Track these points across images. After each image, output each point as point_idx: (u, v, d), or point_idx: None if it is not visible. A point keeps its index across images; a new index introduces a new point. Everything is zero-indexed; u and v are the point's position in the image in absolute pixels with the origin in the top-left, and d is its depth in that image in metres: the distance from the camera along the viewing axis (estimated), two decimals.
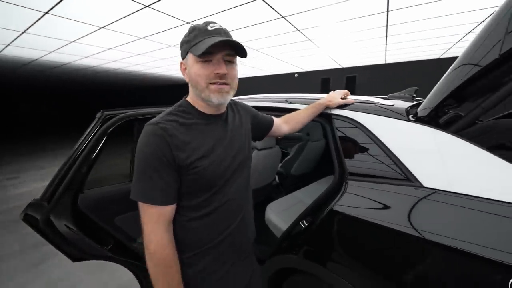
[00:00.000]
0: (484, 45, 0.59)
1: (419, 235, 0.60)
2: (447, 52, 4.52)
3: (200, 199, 0.62)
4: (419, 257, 0.62)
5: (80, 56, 4.21)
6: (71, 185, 0.98)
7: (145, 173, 0.56)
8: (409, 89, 1.20)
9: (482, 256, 0.52)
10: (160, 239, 0.57)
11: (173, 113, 0.63)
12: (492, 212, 0.56)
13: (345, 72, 6.23)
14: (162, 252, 0.57)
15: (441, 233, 0.58)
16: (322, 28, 3.03)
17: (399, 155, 0.73)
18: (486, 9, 2.42)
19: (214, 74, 0.58)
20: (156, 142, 0.56)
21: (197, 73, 0.59)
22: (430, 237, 0.59)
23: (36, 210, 0.91)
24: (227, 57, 0.60)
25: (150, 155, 0.56)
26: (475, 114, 0.65)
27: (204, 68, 0.58)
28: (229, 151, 0.66)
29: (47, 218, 0.91)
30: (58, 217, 0.95)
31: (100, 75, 6.61)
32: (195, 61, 0.59)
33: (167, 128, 0.57)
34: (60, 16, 2.35)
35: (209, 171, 0.60)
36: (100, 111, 1.06)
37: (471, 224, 0.58)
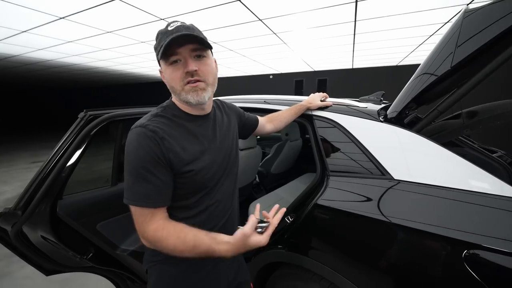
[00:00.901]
0: (439, 57, 0.70)
1: (387, 219, 0.69)
2: (403, 60, 5.07)
3: (191, 200, 0.62)
4: (390, 239, 0.71)
5: (32, 48, 3.75)
6: (49, 192, 0.89)
7: (139, 176, 0.54)
8: (377, 93, 1.34)
9: (438, 234, 0.62)
10: (155, 227, 0.54)
11: (160, 114, 0.61)
12: (444, 197, 0.67)
13: (317, 75, 6.57)
14: (175, 241, 0.53)
15: (405, 217, 0.68)
16: (296, 33, 3.18)
17: (373, 152, 0.82)
18: (435, 24, 2.79)
19: (185, 73, 0.56)
20: (148, 144, 0.54)
21: (170, 77, 0.58)
22: (397, 221, 0.68)
23: (6, 221, 0.79)
24: (195, 52, 0.58)
25: (144, 157, 0.54)
26: (432, 115, 0.77)
27: (174, 70, 0.57)
28: (219, 153, 0.67)
29: (19, 229, 0.80)
30: (33, 227, 0.83)
31: (57, 70, 5.94)
32: (166, 65, 0.58)
33: (156, 131, 0.56)
34: (11, 3, 2.07)
35: (200, 174, 0.61)
36: (83, 111, 0.97)
37: (429, 208, 0.68)
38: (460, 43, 0.64)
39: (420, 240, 0.66)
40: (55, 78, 7.50)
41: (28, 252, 0.83)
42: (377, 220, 0.71)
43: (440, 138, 0.85)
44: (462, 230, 0.60)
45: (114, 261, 1.05)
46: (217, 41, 3.52)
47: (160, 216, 0.57)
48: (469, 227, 0.60)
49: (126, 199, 0.55)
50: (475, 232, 0.59)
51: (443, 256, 0.63)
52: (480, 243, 0.56)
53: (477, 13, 0.63)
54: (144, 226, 0.55)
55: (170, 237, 0.54)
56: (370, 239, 0.75)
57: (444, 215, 0.65)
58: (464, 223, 0.62)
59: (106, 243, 1.05)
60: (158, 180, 0.55)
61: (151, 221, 0.55)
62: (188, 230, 0.55)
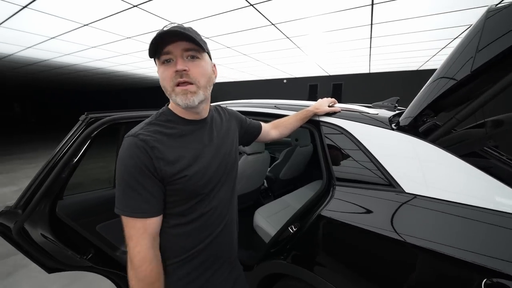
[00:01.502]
0: (458, 61, 0.64)
1: (400, 238, 0.63)
2: (424, 65, 4.83)
3: (184, 207, 0.61)
4: (401, 260, 0.65)
5: (60, 53, 4.02)
6: (49, 192, 0.92)
7: (128, 186, 0.54)
8: (391, 99, 1.27)
9: (456, 257, 0.55)
10: (146, 254, 0.54)
11: (154, 122, 0.61)
12: (464, 216, 0.60)
13: (332, 79, 6.44)
14: (146, 267, 0.54)
15: (420, 236, 0.61)
16: (310, 37, 3.14)
17: (382, 162, 0.76)
18: (460, 26, 2.62)
19: (175, 73, 0.55)
20: (137, 154, 0.53)
21: (162, 76, 0.57)
22: (411, 240, 0.62)
23: (8, 219, 0.83)
24: (188, 53, 0.56)
25: (132, 168, 0.53)
26: (450, 124, 0.70)
27: (166, 69, 0.56)
28: (215, 159, 0.65)
29: (21, 227, 0.84)
30: (33, 225, 0.87)
31: (81, 74, 6.33)
32: (159, 65, 0.58)
33: (147, 140, 0.55)
34: (40, 11, 2.24)
35: (193, 180, 0.59)
36: (84, 114, 1.00)
37: (447, 227, 0.61)
38: (481, 46, 0.58)
39: (436, 263, 0.59)
40: (80, 81, 7.99)
41: (30, 249, 0.86)
42: (388, 238, 0.65)
43: (460, 149, 0.78)
44: (483, 254, 0.53)
45: (114, 262, 1.06)
46: (230, 45, 3.57)
47: (151, 236, 0.56)
48: (491, 252, 0.53)
49: (116, 208, 0.55)
50: (498, 258, 0.52)
51: (460, 281, 0.56)
52: (503, 271, 0.49)
53: (502, 13, 0.57)
54: (134, 241, 0.54)
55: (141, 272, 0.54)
56: (379, 258, 0.69)
57: (463, 236, 0.58)
58: (486, 246, 0.55)
59: (105, 244, 1.07)
60: (146, 191, 0.54)
61: (142, 239, 0.55)
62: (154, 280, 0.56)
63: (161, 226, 0.60)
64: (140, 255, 0.54)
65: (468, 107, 0.66)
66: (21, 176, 4.03)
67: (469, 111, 0.65)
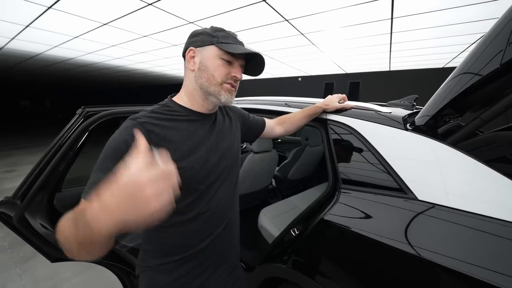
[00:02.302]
0: (485, 54, 0.56)
1: (414, 252, 0.57)
2: (451, 62, 4.49)
3: (181, 203, 0.59)
4: (408, 273, 0.59)
5: (83, 52, 4.23)
6: (46, 184, 0.94)
7: (98, 164, 0.49)
8: (409, 97, 1.17)
9: (478, 278, 0.48)
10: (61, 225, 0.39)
11: (156, 111, 0.60)
12: (487, 231, 0.52)
13: (349, 77, 6.21)
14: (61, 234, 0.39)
15: (438, 251, 0.55)
16: (326, 33, 3.02)
17: (393, 165, 0.69)
18: (492, 19, 2.39)
19: (232, 76, 0.61)
20: (123, 137, 0.50)
21: (217, 68, 0.59)
22: (426, 255, 0.55)
23: (9, 208, 0.87)
24: (242, 63, 0.64)
25: (119, 145, 0.50)
26: (474, 125, 0.62)
27: (225, 66, 0.60)
28: (214, 153, 0.63)
29: (21, 216, 0.87)
30: (33, 216, 0.91)
31: (104, 72, 6.64)
32: (217, 57, 0.59)
33: (144, 123, 0.54)
34: (63, 11, 2.35)
35: (190, 172, 0.57)
36: (81, 107, 1.02)
37: (470, 242, 0.54)
38: None
39: (454, 283, 0.53)
40: (102, 79, 8.40)
41: (33, 238, 0.89)
42: (398, 250, 0.59)
43: (485, 153, 0.69)
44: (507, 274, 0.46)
45: (114, 255, 1.08)
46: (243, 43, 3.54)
47: None
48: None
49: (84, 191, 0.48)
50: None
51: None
52: None
53: None
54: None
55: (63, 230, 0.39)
56: (385, 271, 0.63)
57: (486, 253, 0.51)
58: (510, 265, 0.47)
59: None
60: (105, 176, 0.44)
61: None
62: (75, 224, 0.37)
63: (159, 224, 0.57)
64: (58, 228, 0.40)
65: (495, 106, 0.57)
66: None
67: (496, 111, 0.57)
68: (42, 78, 8.60)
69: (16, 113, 14.37)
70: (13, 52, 4.24)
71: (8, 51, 4.16)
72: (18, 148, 5.92)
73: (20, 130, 9.29)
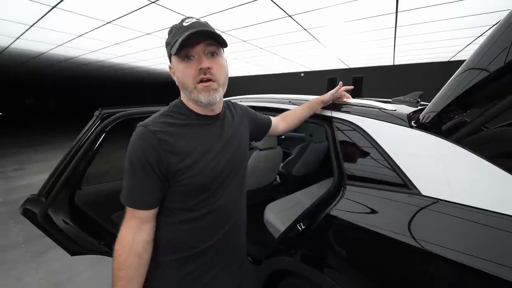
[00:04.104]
0: (490, 51, 0.57)
1: (418, 245, 0.59)
2: (457, 55, 4.43)
3: (192, 202, 0.61)
4: (416, 268, 0.61)
5: (87, 50, 4.26)
6: (68, 182, 0.99)
7: (128, 176, 0.57)
8: (413, 94, 1.17)
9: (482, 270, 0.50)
10: (123, 236, 0.56)
11: (167, 114, 0.61)
12: (491, 225, 0.54)
13: (352, 72, 6.16)
14: (119, 249, 0.55)
15: (441, 244, 0.57)
16: (329, 28, 3.00)
17: (397, 161, 0.71)
18: (498, 12, 2.35)
19: (198, 70, 0.56)
20: (142, 148, 0.54)
21: (183, 73, 0.57)
22: (430, 248, 0.57)
23: (34, 205, 0.92)
24: (209, 48, 0.57)
25: (136, 160, 0.55)
26: (478, 122, 0.64)
27: (187, 66, 0.56)
28: (224, 155, 0.65)
29: (45, 213, 0.92)
30: (55, 212, 0.96)
31: (106, 70, 6.68)
32: (179, 61, 0.57)
33: (156, 132, 0.55)
34: (67, 11, 2.37)
35: (202, 175, 0.59)
36: (98, 109, 1.06)
37: (474, 236, 0.56)
38: None
39: (458, 274, 0.55)
40: (107, 77, 8.44)
41: (55, 233, 0.94)
42: (403, 243, 0.61)
43: (490, 149, 0.70)
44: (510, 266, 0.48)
45: None
46: (246, 39, 3.53)
47: (136, 224, 0.57)
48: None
49: (121, 195, 0.58)
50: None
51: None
52: None
53: None
54: (123, 222, 0.57)
55: (121, 255, 0.55)
56: (389, 264, 0.66)
57: (490, 246, 0.53)
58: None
59: None
60: (142, 184, 0.56)
61: (128, 222, 0.57)
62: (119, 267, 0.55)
63: (169, 221, 0.61)
64: (119, 237, 0.56)
65: (499, 104, 0.58)
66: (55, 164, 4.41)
67: (501, 108, 0.58)
68: (46, 77, 8.67)
69: (21, 111, 14.56)
70: (18, 51, 4.28)
71: (13, 50, 4.21)
72: (25, 146, 6.03)
73: (26, 128, 9.44)
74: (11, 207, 2.76)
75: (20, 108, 14.86)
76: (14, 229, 2.31)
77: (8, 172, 4.02)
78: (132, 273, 0.55)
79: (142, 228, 0.58)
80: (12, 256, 1.91)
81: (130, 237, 0.55)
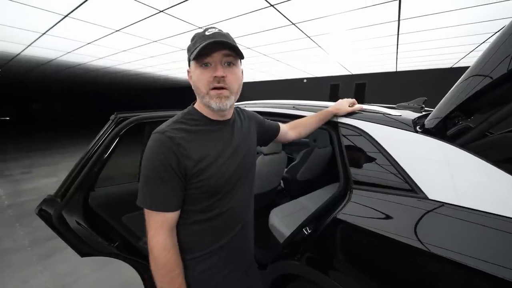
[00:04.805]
0: (494, 58, 0.59)
1: (426, 248, 0.60)
2: (460, 62, 4.44)
3: (204, 204, 0.63)
4: (421, 269, 0.61)
5: (95, 57, 4.37)
6: (83, 184, 1.02)
7: (151, 181, 0.58)
8: (417, 100, 1.19)
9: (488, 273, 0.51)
10: (163, 244, 0.58)
11: (180, 120, 0.64)
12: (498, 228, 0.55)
13: (355, 78, 6.20)
14: (165, 255, 0.58)
15: (443, 245, 0.57)
16: (332, 36, 3.05)
17: (404, 166, 0.72)
18: (501, 19, 2.38)
19: (213, 78, 0.59)
20: (163, 152, 0.57)
21: (198, 78, 0.60)
22: (439, 252, 0.58)
23: (50, 206, 0.95)
24: (226, 59, 0.60)
25: (158, 164, 0.57)
26: (482, 127, 0.65)
27: (203, 72, 0.59)
28: (235, 158, 0.67)
29: (59, 214, 0.95)
30: (69, 213, 0.98)
31: (112, 76, 6.81)
32: (196, 67, 0.60)
33: (173, 137, 0.58)
34: (78, 19, 2.46)
35: (214, 178, 0.61)
36: (114, 114, 1.09)
37: (479, 239, 0.57)
38: None
39: (466, 278, 0.55)
40: (113, 83, 8.60)
41: (67, 234, 0.96)
42: (411, 247, 0.62)
43: (496, 154, 0.71)
44: None
45: (137, 252, 1.14)
46: (250, 46, 3.60)
47: (169, 228, 0.60)
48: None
49: (138, 200, 0.59)
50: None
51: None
52: None
53: None
54: (153, 231, 0.59)
55: (160, 260, 0.58)
56: (397, 267, 0.66)
57: (497, 250, 0.54)
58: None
59: (130, 235, 1.16)
60: (167, 187, 0.58)
61: (161, 229, 0.59)
62: (174, 268, 0.59)
63: (182, 222, 0.64)
64: (158, 245, 0.58)
65: (503, 110, 0.60)
66: (61, 169, 4.47)
67: (504, 114, 0.60)
68: (54, 83, 8.86)
69: (29, 116, 14.85)
70: (28, 58, 4.41)
71: (23, 57, 4.34)
72: (33, 150, 6.12)
73: (33, 132, 9.59)
74: (18, 210, 2.80)
75: (28, 113, 15.16)
76: (20, 232, 2.33)
77: (15, 176, 4.08)
78: (182, 268, 0.62)
79: (174, 231, 0.62)
80: (18, 259, 1.93)
81: (169, 241, 0.59)
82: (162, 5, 2.16)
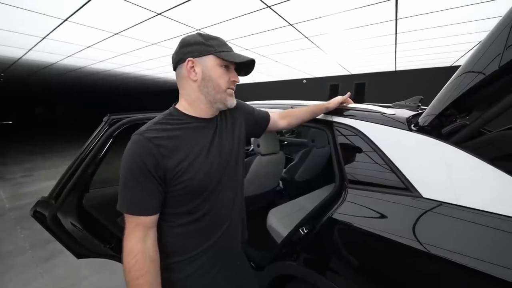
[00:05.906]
0: (485, 55, 0.59)
1: (423, 248, 0.59)
2: (459, 61, 4.43)
3: (187, 206, 0.63)
4: (421, 271, 0.61)
5: (94, 61, 4.40)
6: (77, 185, 1.01)
7: (128, 184, 0.57)
8: (414, 98, 1.19)
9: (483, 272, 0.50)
10: (130, 247, 0.55)
11: (161, 121, 0.63)
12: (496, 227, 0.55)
13: (354, 78, 6.19)
14: (130, 260, 0.55)
15: (447, 248, 0.57)
16: (330, 36, 3.05)
17: (398, 164, 0.72)
18: (499, 18, 2.36)
19: (232, 81, 0.67)
20: (140, 154, 0.56)
21: (220, 76, 0.64)
22: (436, 252, 0.57)
23: (44, 208, 0.95)
24: (235, 69, 0.69)
25: (134, 166, 0.56)
26: (476, 125, 0.65)
27: (225, 73, 0.65)
28: (218, 157, 0.67)
29: (54, 215, 0.95)
30: (64, 215, 0.98)
31: (112, 79, 6.85)
32: (218, 65, 0.64)
33: (153, 138, 0.57)
34: (78, 23, 2.48)
35: (197, 178, 0.61)
36: (107, 115, 1.10)
37: (477, 238, 0.56)
38: (510, 42, 0.53)
39: (463, 277, 0.55)
40: (113, 86, 8.65)
41: (62, 236, 0.97)
42: (406, 246, 0.62)
43: (491, 152, 0.71)
44: None
45: None
46: (248, 47, 3.61)
47: (143, 232, 0.57)
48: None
49: (117, 204, 0.59)
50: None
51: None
52: None
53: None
54: (126, 233, 0.57)
55: (125, 264, 0.55)
56: (393, 266, 0.66)
57: (494, 248, 0.53)
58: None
59: None
60: (143, 190, 0.56)
61: (133, 232, 0.57)
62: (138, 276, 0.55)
63: (167, 225, 0.63)
64: (126, 248, 0.56)
65: (496, 107, 0.60)
66: (62, 172, 4.46)
67: (497, 111, 0.59)
68: (54, 86, 8.92)
69: (30, 119, 14.95)
70: (29, 62, 4.44)
71: (24, 61, 4.37)
72: (34, 153, 6.15)
73: (35, 136, 9.65)
74: (19, 213, 2.81)
75: (29, 116, 15.27)
76: (20, 235, 2.34)
77: (17, 179, 4.10)
78: (151, 277, 0.56)
79: (148, 235, 0.58)
80: (18, 261, 1.93)
81: (139, 245, 0.56)
82: (159, 8, 2.17)
